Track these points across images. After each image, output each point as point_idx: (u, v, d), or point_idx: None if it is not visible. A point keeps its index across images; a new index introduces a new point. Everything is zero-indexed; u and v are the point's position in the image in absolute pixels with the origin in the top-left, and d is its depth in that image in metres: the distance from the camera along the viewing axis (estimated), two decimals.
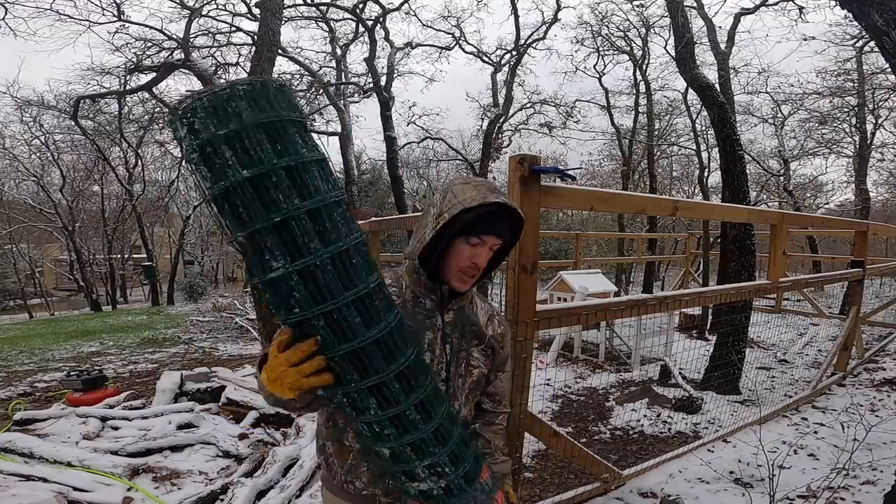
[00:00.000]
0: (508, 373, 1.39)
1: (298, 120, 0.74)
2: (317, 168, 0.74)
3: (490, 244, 1.14)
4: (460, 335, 1.22)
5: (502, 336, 1.32)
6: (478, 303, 1.31)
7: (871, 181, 16.41)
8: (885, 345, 6.63)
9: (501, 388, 1.38)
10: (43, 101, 11.82)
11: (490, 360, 1.29)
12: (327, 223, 0.73)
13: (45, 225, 19.97)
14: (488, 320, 1.30)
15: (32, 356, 7.61)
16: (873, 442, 3.11)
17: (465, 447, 0.97)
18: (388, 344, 0.80)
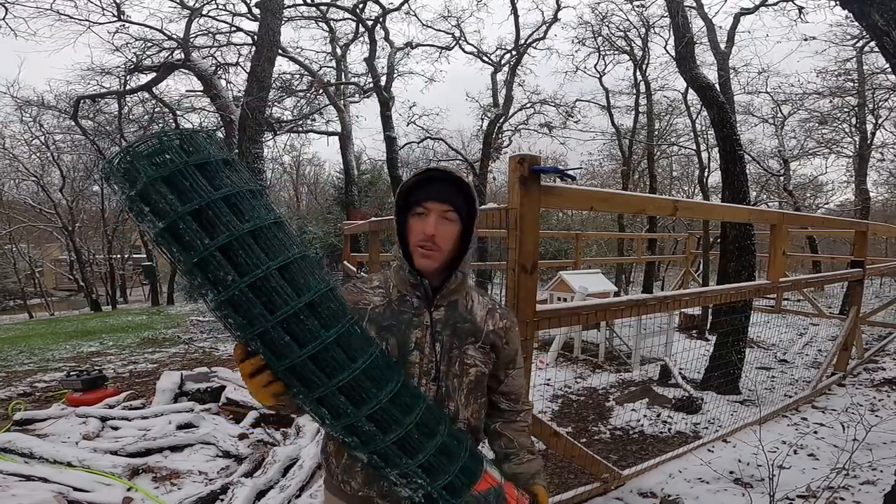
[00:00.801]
0: (521, 369, 1.32)
1: (227, 159, 0.83)
2: (251, 197, 0.83)
3: (436, 211, 1.10)
4: (452, 332, 1.17)
5: (505, 330, 1.24)
6: (474, 297, 1.24)
7: (871, 181, 16.43)
8: (884, 345, 6.63)
9: (516, 385, 1.30)
10: (43, 101, 11.82)
11: (491, 357, 1.22)
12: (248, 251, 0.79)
13: (45, 225, 19.98)
14: (487, 314, 1.23)
15: (32, 356, 7.60)
16: (873, 442, 3.11)
17: (445, 458, 0.96)
18: (326, 359, 0.85)
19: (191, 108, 11.60)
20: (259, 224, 0.82)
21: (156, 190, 0.75)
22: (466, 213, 1.14)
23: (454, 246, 1.14)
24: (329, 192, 23.01)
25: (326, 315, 0.86)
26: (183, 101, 11.27)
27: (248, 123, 5.23)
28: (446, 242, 1.11)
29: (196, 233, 0.76)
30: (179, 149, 0.78)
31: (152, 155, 0.77)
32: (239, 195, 0.81)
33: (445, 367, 1.16)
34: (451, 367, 1.16)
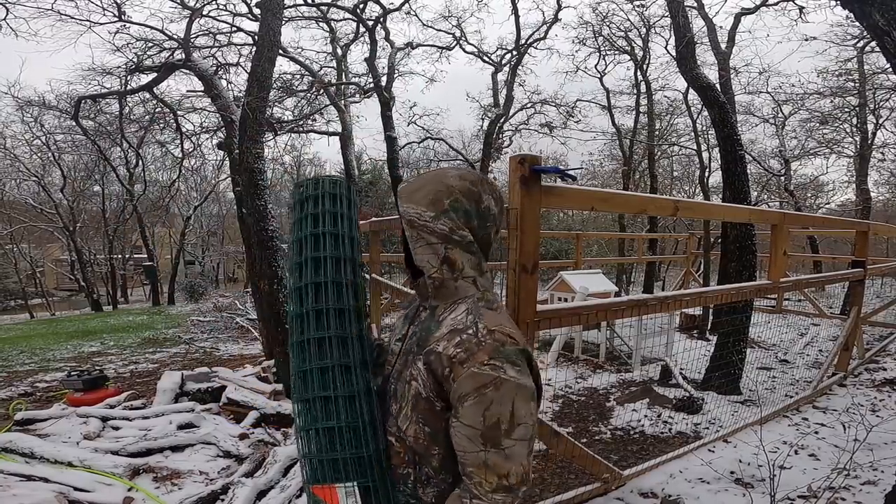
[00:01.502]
0: (468, 427, 0.91)
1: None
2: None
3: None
4: (417, 337, 1.07)
5: (453, 361, 0.93)
6: (457, 311, 1.03)
7: (872, 181, 16.41)
8: (885, 345, 6.63)
9: (459, 445, 0.94)
10: (44, 101, 11.82)
11: (430, 383, 0.98)
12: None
13: (46, 225, 19.99)
14: (449, 333, 0.98)
15: (33, 356, 7.61)
16: (874, 442, 3.11)
17: (328, 442, 1.04)
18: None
19: (192, 109, 11.60)
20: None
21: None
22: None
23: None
24: None
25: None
26: (184, 102, 11.26)
27: (248, 123, 5.23)
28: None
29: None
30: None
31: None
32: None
33: (400, 367, 1.10)
34: (403, 370, 1.07)
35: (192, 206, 21.71)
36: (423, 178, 1.10)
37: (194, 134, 11.89)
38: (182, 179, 20.23)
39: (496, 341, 0.94)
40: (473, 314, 1.00)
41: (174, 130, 11.85)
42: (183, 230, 21.21)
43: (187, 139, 11.80)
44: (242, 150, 5.33)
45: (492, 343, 0.93)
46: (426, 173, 1.13)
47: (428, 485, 1.04)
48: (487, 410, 0.90)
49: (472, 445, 0.91)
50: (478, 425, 0.90)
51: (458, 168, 1.14)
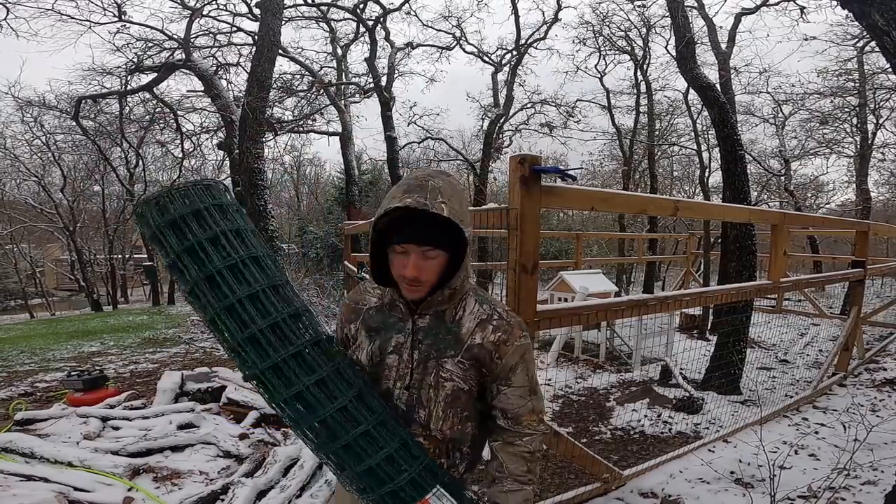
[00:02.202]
0: (524, 387, 1.19)
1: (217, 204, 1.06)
2: (233, 236, 1.04)
3: (416, 252, 1.07)
4: (432, 342, 1.15)
5: (497, 344, 1.14)
6: (468, 306, 1.18)
7: (872, 181, 16.41)
8: (886, 345, 6.63)
9: (512, 404, 1.18)
10: (44, 101, 11.83)
11: (472, 374, 1.16)
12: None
13: (46, 225, 19.99)
14: (478, 326, 1.15)
15: (33, 356, 7.61)
16: (874, 442, 3.11)
17: (392, 468, 1.05)
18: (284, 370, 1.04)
19: (191, 109, 11.61)
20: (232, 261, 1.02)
21: (161, 232, 1.01)
22: (452, 239, 1.10)
23: (443, 270, 1.13)
24: (330, 192, 23.01)
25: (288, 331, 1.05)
26: (184, 102, 11.27)
27: (248, 123, 5.24)
28: (431, 276, 1.10)
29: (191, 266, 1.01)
30: (182, 198, 1.02)
31: (161, 205, 1.01)
32: (242, 231, 1.07)
33: (420, 376, 1.15)
34: (425, 377, 1.15)
35: None
36: (446, 188, 1.08)
37: (194, 134, 11.91)
38: (182, 179, 20.23)
39: (512, 314, 1.20)
40: (486, 304, 1.19)
41: (174, 130, 11.87)
42: None
43: (187, 139, 11.83)
44: (242, 150, 5.34)
45: (515, 320, 1.19)
46: (434, 177, 1.10)
47: (461, 463, 1.25)
48: (528, 370, 1.20)
49: (522, 401, 1.19)
50: (526, 383, 1.19)
51: (440, 171, 1.18)
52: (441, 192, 1.06)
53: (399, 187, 1.07)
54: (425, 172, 1.12)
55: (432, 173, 1.12)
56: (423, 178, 1.08)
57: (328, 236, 15.82)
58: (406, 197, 1.03)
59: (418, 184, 1.06)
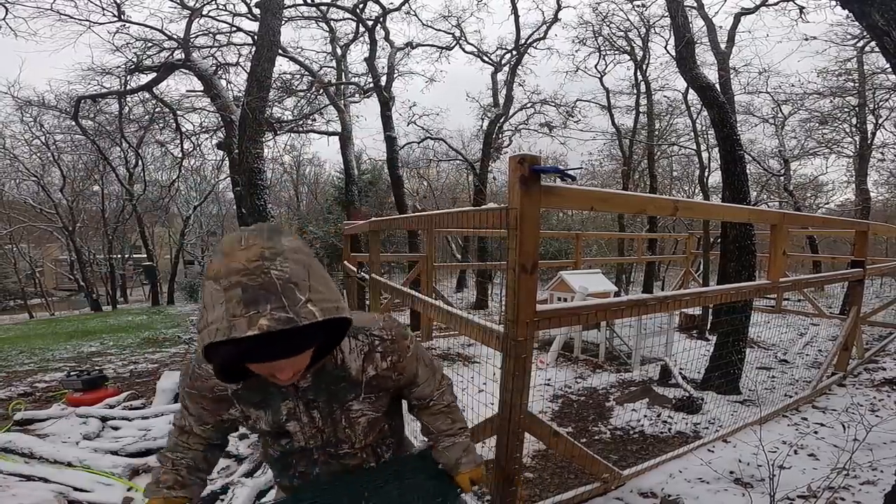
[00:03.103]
0: (427, 378, 1.29)
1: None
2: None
3: (286, 362, 0.86)
4: (328, 397, 1.09)
5: (393, 366, 1.14)
6: (345, 346, 1.09)
7: (872, 181, 16.40)
8: (885, 345, 6.63)
9: (426, 391, 1.30)
10: (43, 101, 11.82)
11: (382, 399, 1.17)
12: None
13: (46, 225, 19.98)
14: (365, 360, 1.10)
15: (32, 356, 7.61)
16: (873, 442, 3.11)
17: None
18: None
19: (191, 109, 11.60)
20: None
21: None
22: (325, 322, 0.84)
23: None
24: (329, 191, 23.00)
25: None
26: (183, 101, 11.27)
27: (248, 123, 5.23)
28: (307, 361, 0.93)
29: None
30: None
31: None
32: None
33: (332, 430, 1.14)
34: (337, 427, 1.14)
35: (191, 205, 21.69)
36: (297, 270, 0.81)
37: (194, 134, 11.90)
38: (182, 179, 20.24)
39: (389, 329, 1.16)
40: (360, 333, 1.12)
41: (174, 130, 11.86)
42: (182, 230, 21.20)
43: (187, 139, 11.82)
44: (242, 149, 5.34)
45: (395, 332, 1.17)
46: (273, 257, 0.80)
47: (388, 451, 1.30)
48: (424, 360, 1.27)
49: (430, 384, 1.30)
50: (429, 374, 1.29)
51: (270, 230, 0.87)
52: (296, 282, 0.80)
53: (231, 293, 0.76)
54: (257, 251, 0.79)
55: (267, 249, 0.80)
56: (261, 268, 0.78)
57: (328, 236, 15.82)
58: (255, 314, 0.75)
59: (259, 282, 0.77)
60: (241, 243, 0.81)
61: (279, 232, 0.86)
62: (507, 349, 2.07)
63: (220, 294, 0.77)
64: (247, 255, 0.79)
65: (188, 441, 1.21)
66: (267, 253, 0.80)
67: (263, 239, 0.82)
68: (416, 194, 21.16)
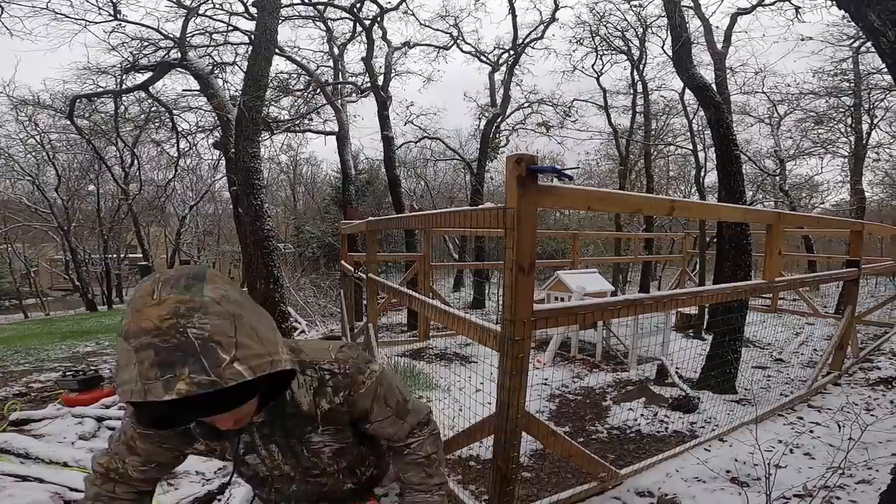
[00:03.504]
0: (385, 418, 1.15)
1: None
2: None
3: (214, 419, 0.84)
4: (284, 431, 1.06)
5: (346, 401, 1.07)
6: (294, 385, 1.03)
7: (867, 181, 16.47)
8: (880, 344, 6.66)
9: (387, 432, 1.18)
10: (38, 100, 11.77)
11: (343, 431, 1.12)
12: None
13: (41, 224, 19.89)
14: (316, 395, 1.05)
15: (28, 356, 7.57)
16: (869, 441, 3.13)
17: None
18: None
19: (187, 108, 11.56)
20: None
21: None
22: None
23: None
24: (326, 191, 23.00)
25: None
26: (179, 101, 11.23)
27: (244, 123, 5.22)
28: (251, 410, 0.91)
29: None
30: None
31: None
32: None
33: (294, 461, 1.12)
34: (299, 458, 1.12)
35: (187, 205, 21.64)
36: (222, 325, 0.74)
37: (190, 133, 11.86)
38: (178, 179, 20.17)
39: (343, 363, 1.07)
40: (309, 368, 1.05)
41: (170, 129, 11.82)
42: (178, 230, 21.14)
43: (183, 138, 11.78)
44: (238, 149, 5.33)
45: (350, 367, 1.07)
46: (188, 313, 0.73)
47: (369, 469, 1.28)
48: (387, 400, 1.14)
49: (394, 426, 1.17)
50: (389, 413, 1.15)
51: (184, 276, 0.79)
52: (218, 340, 0.72)
53: (142, 354, 0.69)
54: (170, 307, 0.72)
55: (183, 304, 0.73)
56: (175, 327, 0.70)
57: (325, 236, 15.80)
58: (171, 378, 0.68)
59: (174, 344, 0.69)
60: (154, 296, 0.73)
61: (200, 279, 0.77)
62: (504, 348, 2.07)
63: (130, 354, 0.69)
64: (159, 311, 0.71)
65: (115, 490, 1.09)
66: (182, 308, 0.72)
67: (179, 291, 0.74)
68: (414, 194, 21.16)
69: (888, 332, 7.42)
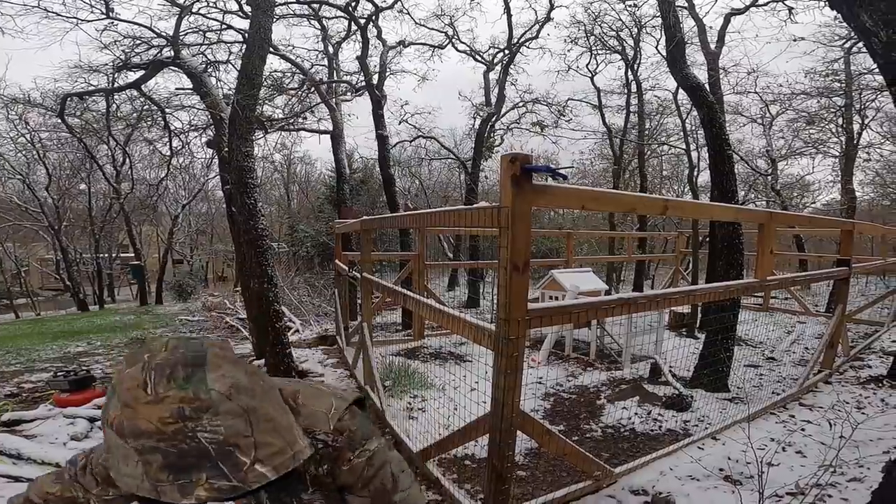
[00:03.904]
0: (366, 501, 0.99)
1: None
2: None
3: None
4: (276, 489, 0.95)
5: (328, 472, 0.95)
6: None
7: (857, 181, 16.58)
8: (870, 342, 6.73)
9: None
10: (29, 98, 11.64)
11: (329, 497, 0.99)
12: None
13: (31, 224, 19.72)
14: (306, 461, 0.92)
15: (19, 356, 7.51)
16: (860, 439, 3.16)
17: None
18: None
19: (180, 106, 11.48)
20: None
21: None
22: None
23: None
24: (320, 190, 22.93)
25: None
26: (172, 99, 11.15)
27: (238, 121, 5.19)
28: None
29: None
30: None
31: None
32: None
33: None
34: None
35: (180, 204, 21.51)
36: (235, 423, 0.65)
37: (183, 132, 11.77)
38: (170, 178, 20.04)
39: (337, 434, 0.92)
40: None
41: (162, 128, 11.72)
42: (171, 229, 21.02)
43: (175, 137, 11.68)
44: (232, 147, 5.29)
45: (337, 441, 0.93)
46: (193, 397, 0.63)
47: None
48: (369, 484, 0.97)
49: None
50: (366, 498, 0.97)
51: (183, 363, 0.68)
52: (235, 442, 0.64)
53: (149, 457, 0.60)
54: (173, 408, 0.61)
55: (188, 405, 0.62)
56: (182, 432, 0.61)
57: (319, 235, 15.75)
58: (187, 483, 0.61)
59: (184, 449, 0.61)
60: (147, 391, 0.61)
61: (200, 365, 0.65)
62: (498, 347, 2.08)
63: (129, 451, 0.60)
64: (159, 412, 0.60)
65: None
66: (188, 410, 0.61)
67: (179, 385, 0.62)
68: (408, 193, 21.15)
69: (878, 330, 7.49)
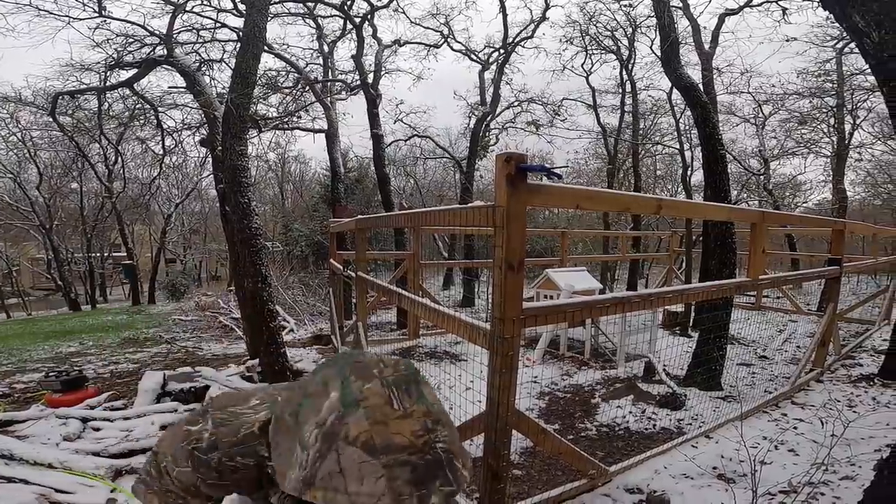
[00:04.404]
0: None
1: None
2: None
3: None
4: None
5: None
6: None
7: (849, 181, 16.74)
8: (861, 341, 6.78)
9: None
10: (20, 97, 11.53)
11: None
12: None
13: (22, 223, 19.56)
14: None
15: (10, 357, 7.45)
16: (851, 437, 3.18)
17: None
18: None
19: (173, 105, 11.41)
20: None
21: None
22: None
23: None
24: (315, 189, 22.87)
25: None
26: (165, 98, 11.08)
27: (232, 120, 5.16)
28: None
29: None
30: None
31: None
32: None
33: None
34: None
35: (173, 203, 21.38)
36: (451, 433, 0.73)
37: (176, 130, 11.71)
38: (163, 177, 19.91)
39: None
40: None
41: (155, 127, 11.63)
42: (164, 228, 20.90)
43: (168, 136, 11.61)
44: (225, 146, 5.27)
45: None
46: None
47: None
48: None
49: None
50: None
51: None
52: (455, 451, 0.71)
53: (398, 471, 0.66)
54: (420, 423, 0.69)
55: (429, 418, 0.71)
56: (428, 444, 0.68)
57: (313, 234, 15.71)
58: (424, 494, 0.67)
59: (427, 461, 0.67)
60: (395, 406, 0.69)
61: (417, 380, 0.74)
62: (494, 346, 2.08)
63: (375, 468, 0.65)
64: (411, 427, 0.68)
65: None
66: (429, 423, 0.69)
67: (414, 399, 0.71)
68: (403, 192, 21.13)
69: (870, 329, 7.55)
